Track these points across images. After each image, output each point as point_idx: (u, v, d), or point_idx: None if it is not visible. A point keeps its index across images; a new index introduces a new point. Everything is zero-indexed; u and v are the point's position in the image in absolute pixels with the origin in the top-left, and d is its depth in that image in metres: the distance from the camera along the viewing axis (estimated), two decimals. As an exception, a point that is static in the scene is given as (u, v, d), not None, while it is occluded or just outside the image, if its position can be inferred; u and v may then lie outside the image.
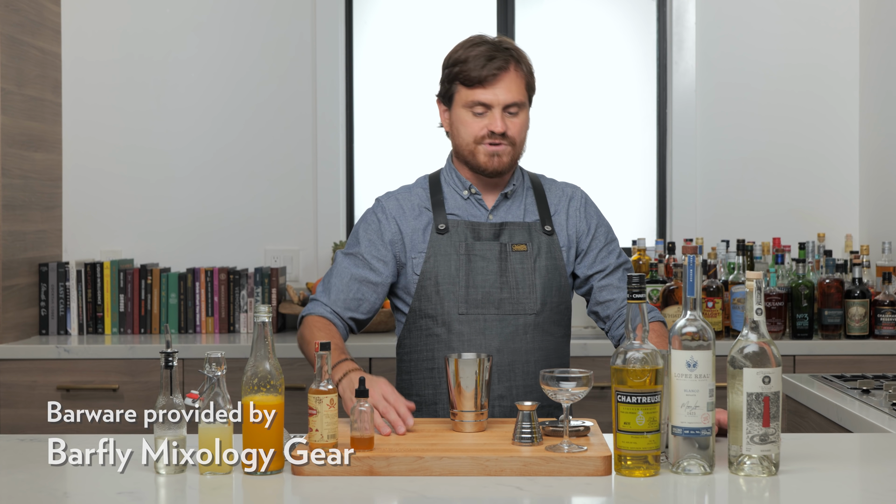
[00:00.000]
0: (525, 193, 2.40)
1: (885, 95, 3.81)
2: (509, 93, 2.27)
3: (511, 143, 2.30)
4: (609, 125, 4.16)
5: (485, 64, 2.26)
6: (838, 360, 3.40)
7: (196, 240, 4.01)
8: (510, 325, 2.29)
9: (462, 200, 2.36)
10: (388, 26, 4.17)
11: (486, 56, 2.27)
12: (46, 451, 1.95)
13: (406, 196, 2.38)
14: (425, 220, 2.34)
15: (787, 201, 4.02)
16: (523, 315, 2.29)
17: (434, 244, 2.30)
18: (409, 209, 2.35)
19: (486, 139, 2.28)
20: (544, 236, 2.34)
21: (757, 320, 1.72)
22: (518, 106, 2.29)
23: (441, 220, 2.32)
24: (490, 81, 2.26)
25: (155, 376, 3.38)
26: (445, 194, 2.36)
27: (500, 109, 2.27)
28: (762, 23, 4.03)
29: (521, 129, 2.32)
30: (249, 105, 4.02)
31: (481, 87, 2.27)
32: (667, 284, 3.51)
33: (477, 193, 2.35)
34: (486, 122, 2.28)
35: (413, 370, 2.34)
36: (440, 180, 2.39)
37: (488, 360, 2.02)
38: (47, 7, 3.85)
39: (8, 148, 3.53)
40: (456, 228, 2.32)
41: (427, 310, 2.30)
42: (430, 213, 2.34)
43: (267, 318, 1.77)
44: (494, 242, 2.31)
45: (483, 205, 2.35)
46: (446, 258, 2.29)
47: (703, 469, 1.72)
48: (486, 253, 2.30)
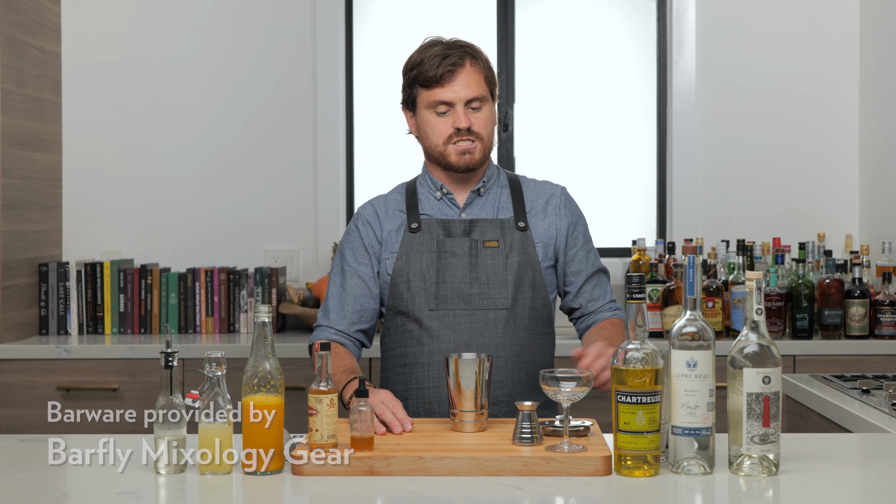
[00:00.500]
0: (499, 191, 2.42)
1: (885, 95, 3.81)
2: (468, 88, 2.30)
3: (479, 138, 2.32)
4: (609, 125, 4.16)
5: (440, 62, 2.30)
6: (838, 360, 3.40)
7: (196, 240, 4.01)
8: (480, 321, 2.30)
9: (435, 201, 2.40)
10: (388, 26, 4.17)
11: (440, 55, 2.31)
12: (46, 451, 1.95)
13: (381, 202, 2.43)
14: (399, 222, 2.38)
15: (787, 201, 4.02)
16: (493, 310, 2.30)
17: (406, 243, 2.34)
18: (384, 213, 2.40)
19: (454, 137, 2.31)
20: (517, 232, 2.35)
21: (757, 320, 1.72)
22: (480, 100, 2.32)
23: (414, 219, 2.36)
24: (447, 79, 2.30)
25: (155, 376, 3.38)
26: (420, 196, 2.41)
27: (462, 105, 2.30)
28: (762, 23, 4.03)
29: (487, 122, 2.33)
30: (249, 105, 4.03)
31: (440, 86, 2.30)
32: (667, 284, 3.51)
33: (449, 193, 2.39)
34: (450, 121, 2.31)
35: (389, 367, 2.39)
36: (416, 185, 2.44)
37: (488, 360, 2.02)
38: (47, 7, 3.85)
39: (8, 148, 3.53)
40: (428, 227, 2.35)
41: (399, 307, 2.33)
42: (405, 214, 2.38)
43: (267, 318, 1.77)
44: (465, 239, 2.34)
45: (455, 203, 2.39)
46: (418, 256, 2.33)
47: (703, 469, 1.72)
48: (456, 249, 2.33)
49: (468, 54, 2.33)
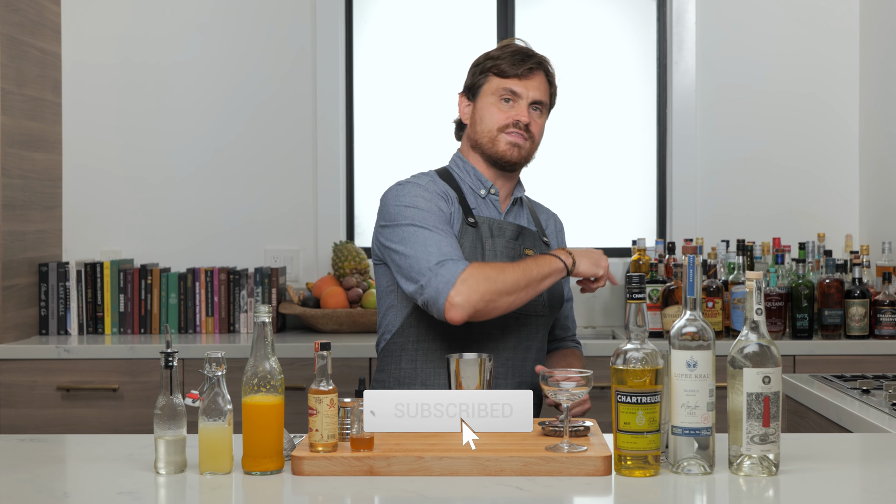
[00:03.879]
0: (524, 205, 2.52)
1: (885, 95, 3.81)
2: (539, 90, 2.38)
3: (531, 139, 2.39)
4: (609, 125, 4.16)
5: (521, 59, 2.38)
6: (838, 360, 3.40)
7: (196, 240, 4.01)
8: (524, 325, 2.36)
9: (479, 199, 2.41)
10: (388, 27, 4.17)
11: (522, 54, 2.39)
12: (46, 451, 1.96)
13: (431, 184, 2.34)
14: (454, 209, 2.35)
15: (787, 201, 4.02)
16: (534, 316, 2.37)
17: (463, 235, 2.33)
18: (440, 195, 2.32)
19: (510, 128, 2.36)
20: (545, 247, 2.46)
21: (757, 320, 1.72)
22: (542, 106, 2.40)
23: (469, 213, 2.36)
24: (525, 76, 2.37)
25: (155, 376, 3.38)
26: (463, 189, 2.41)
27: (527, 103, 2.37)
28: (762, 23, 4.03)
29: (541, 129, 2.43)
30: (250, 106, 4.03)
31: (516, 79, 2.37)
32: (667, 284, 3.51)
33: (496, 193, 2.41)
34: (512, 113, 2.36)
35: (426, 359, 2.31)
36: (453, 177, 2.41)
37: (489, 360, 2.02)
38: (47, 7, 3.85)
39: (8, 148, 3.53)
40: (483, 224, 2.37)
41: None
42: (456, 203, 2.36)
43: (267, 318, 1.77)
44: (513, 242, 2.38)
45: (498, 207, 2.42)
46: (473, 251, 2.32)
47: (703, 469, 1.72)
48: (507, 251, 2.36)
49: (545, 64, 2.42)
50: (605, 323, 3.99)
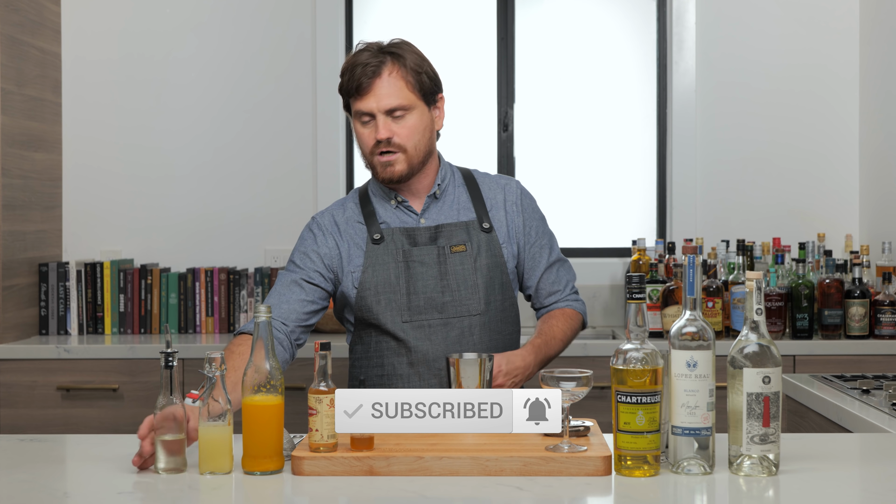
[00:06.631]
0: (456, 191, 2.37)
1: (885, 95, 3.81)
2: (388, 97, 2.22)
3: (402, 150, 2.25)
4: (609, 125, 4.16)
5: (360, 72, 2.22)
6: (838, 360, 3.40)
7: (196, 240, 4.01)
8: (455, 328, 2.27)
9: (392, 209, 2.34)
10: (388, 26, 4.17)
11: (362, 64, 2.23)
12: (46, 451, 1.96)
13: (340, 212, 2.36)
14: (360, 234, 2.32)
15: (787, 201, 4.02)
16: (468, 316, 2.27)
17: (370, 255, 2.28)
18: (343, 224, 2.34)
19: (377, 149, 2.25)
20: (483, 234, 2.32)
21: (757, 320, 1.72)
22: (403, 109, 2.24)
23: (375, 230, 2.30)
24: (365, 89, 2.22)
25: (155, 376, 3.38)
26: (375, 205, 2.35)
27: (382, 116, 2.23)
28: (762, 23, 4.03)
29: (412, 132, 2.25)
30: (249, 104, 4.03)
31: (360, 97, 2.23)
32: (667, 284, 3.51)
33: (404, 201, 2.33)
34: (372, 132, 2.25)
35: (366, 376, 2.32)
36: (368, 192, 2.38)
37: (489, 359, 2.03)
38: (47, 7, 3.85)
39: (8, 148, 3.53)
40: (391, 237, 2.30)
41: (370, 320, 2.28)
42: (364, 226, 2.32)
43: (266, 318, 1.77)
44: (432, 246, 2.29)
45: (412, 210, 2.33)
46: (384, 267, 2.27)
47: (703, 469, 1.72)
48: (424, 258, 2.28)
49: (390, 61, 2.24)
50: (605, 323, 3.99)
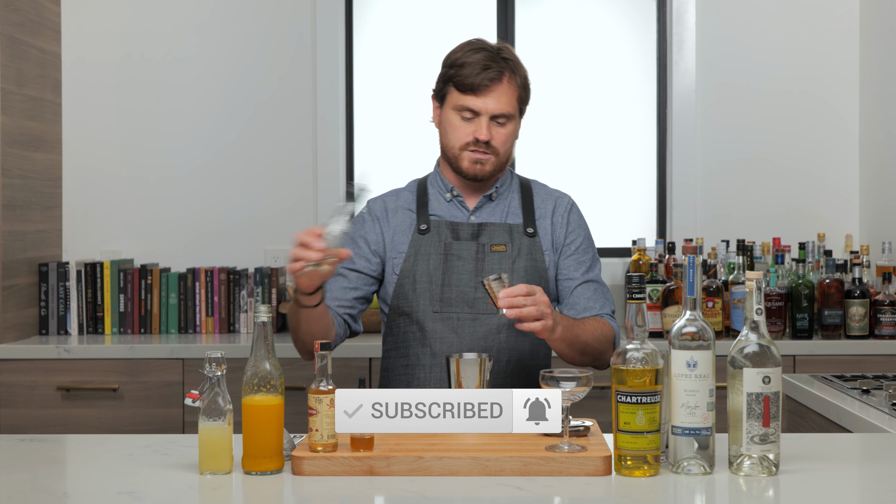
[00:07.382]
0: (510, 196, 2.41)
1: (885, 95, 3.81)
2: (499, 103, 2.29)
3: (495, 153, 2.31)
4: (609, 125, 4.16)
5: (480, 72, 2.27)
6: (838, 360, 3.40)
7: (196, 240, 4.01)
8: (483, 325, 2.29)
9: (445, 202, 2.39)
10: (388, 26, 4.17)
11: (482, 64, 2.28)
12: (46, 451, 1.96)
13: (392, 199, 2.42)
14: (408, 222, 2.37)
15: (787, 201, 4.02)
16: (497, 315, 2.26)
17: (415, 244, 2.33)
18: (393, 211, 2.39)
19: (471, 146, 2.30)
20: (525, 238, 2.35)
21: (757, 320, 1.72)
22: (506, 117, 2.31)
23: (423, 220, 2.35)
24: (482, 90, 2.28)
25: (155, 376, 3.38)
26: (430, 196, 2.40)
27: (487, 118, 2.29)
28: (762, 23, 4.03)
29: (507, 139, 2.33)
30: (249, 105, 4.03)
31: (473, 95, 2.28)
32: (667, 284, 3.51)
33: (459, 196, 2.38)
34: (472, 129, 2.30)
35: (390, 367, 2.37)
36: (426, 183, 2.43)
37: (490, 359, 2.03)
38: (47, 7, 3.85)
39: (8, 148, 3.53)
40: (437, 228, 2.34)
41: (403, 307, 2.32)
42: (414, 214, 2.37)
43: (267, 318, 1.77)
44: (472, 242, 2.33)
45: (465, 206, 2.38)
46: (425, 257, 2.32)
47: (703, 469, 1.72)
48: (462, 252, 2.32)
49: (509, 69, 2.31)
50: (605, 323, 3.98)
